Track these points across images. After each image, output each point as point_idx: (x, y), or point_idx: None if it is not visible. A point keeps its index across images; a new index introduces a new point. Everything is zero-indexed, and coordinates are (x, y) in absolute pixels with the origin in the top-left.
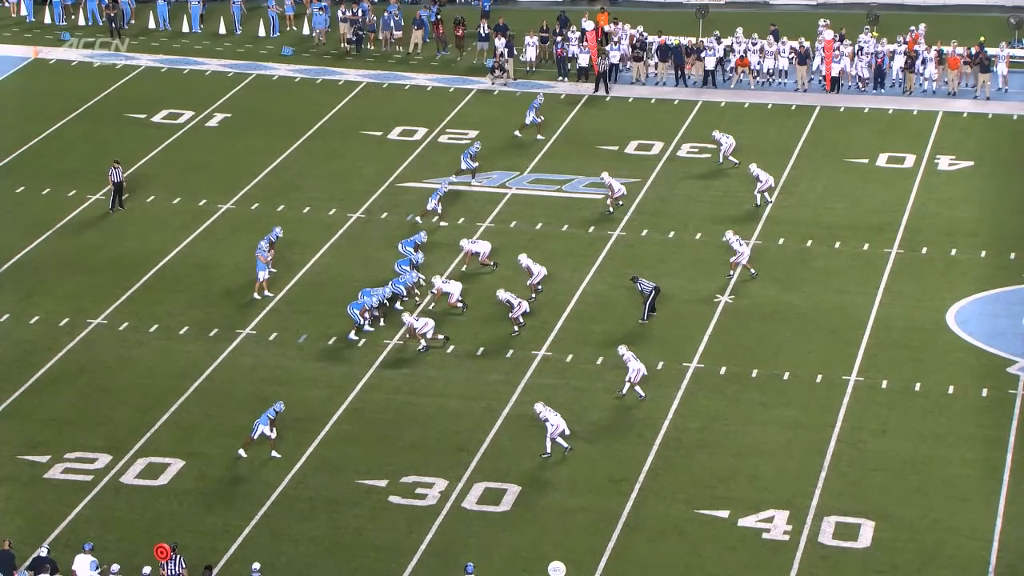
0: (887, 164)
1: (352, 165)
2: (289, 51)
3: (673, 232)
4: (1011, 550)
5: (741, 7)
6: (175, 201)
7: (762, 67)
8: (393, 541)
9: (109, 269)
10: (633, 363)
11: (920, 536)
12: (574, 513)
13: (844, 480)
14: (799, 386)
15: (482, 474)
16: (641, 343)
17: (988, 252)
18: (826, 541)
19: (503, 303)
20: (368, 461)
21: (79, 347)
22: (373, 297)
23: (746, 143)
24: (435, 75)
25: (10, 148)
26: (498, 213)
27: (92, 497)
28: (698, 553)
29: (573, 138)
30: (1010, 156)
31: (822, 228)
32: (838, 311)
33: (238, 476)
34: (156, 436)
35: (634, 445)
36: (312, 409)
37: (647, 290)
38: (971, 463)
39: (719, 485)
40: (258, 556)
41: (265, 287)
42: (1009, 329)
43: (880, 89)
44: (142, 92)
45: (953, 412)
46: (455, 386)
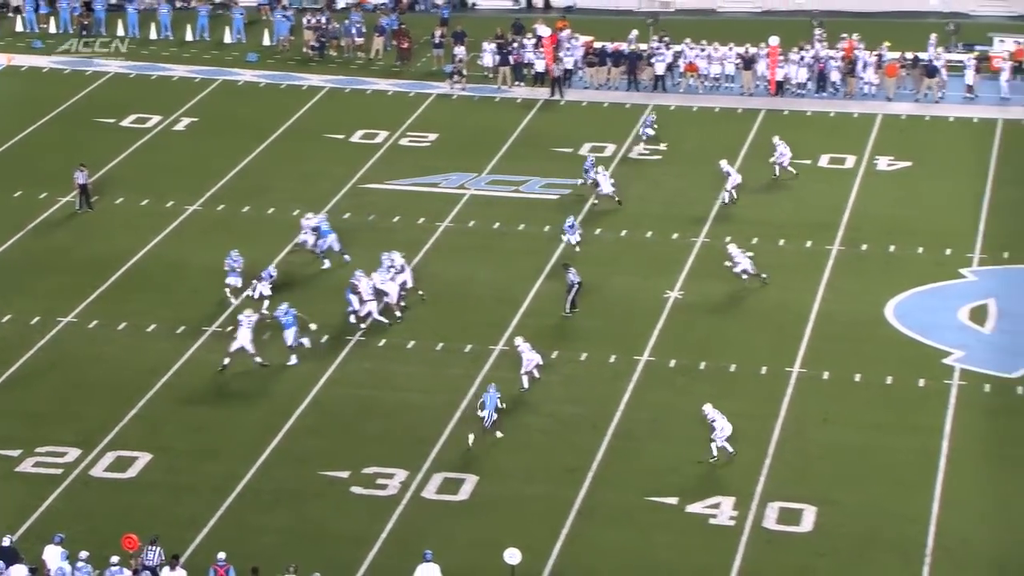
0: (829, 165)
1: (316, 167)
2: (254, 57)
3: (625, 231)
4: (947, 534)
5: (689, 15)
6: (143, 203)
7: (709, 72)
8: (355, 530)
9: (79, 269)
10: (528, 354)
11: (860, 521)
12: (530, 501)
13: (787, 468)
14: (745, 378)
15: (441, 465)
16: (594, 337)
17: (925, 249)
18: (770, 526)
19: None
20: (331, 453)
21: (50, 344)
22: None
23: (695, 145)
24: (396, 80)
25: None
26: (456, 213)
27: (62, 490)
28: (649, 539)
29: (529, 140)
30: (946, 157)
31: (767, 226)
32: (782, 306)
33: (205, 469)
34: (125, 430)
35: (587, 435)
36: (276, 403)
37: (572, 282)
38: (909, 451)
39: (669, 473)
40: (224, 546)
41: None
42: (944, 322)
43: (822, 93)
44: (111, 97)
45: (891, 402)
46: (416, 380)
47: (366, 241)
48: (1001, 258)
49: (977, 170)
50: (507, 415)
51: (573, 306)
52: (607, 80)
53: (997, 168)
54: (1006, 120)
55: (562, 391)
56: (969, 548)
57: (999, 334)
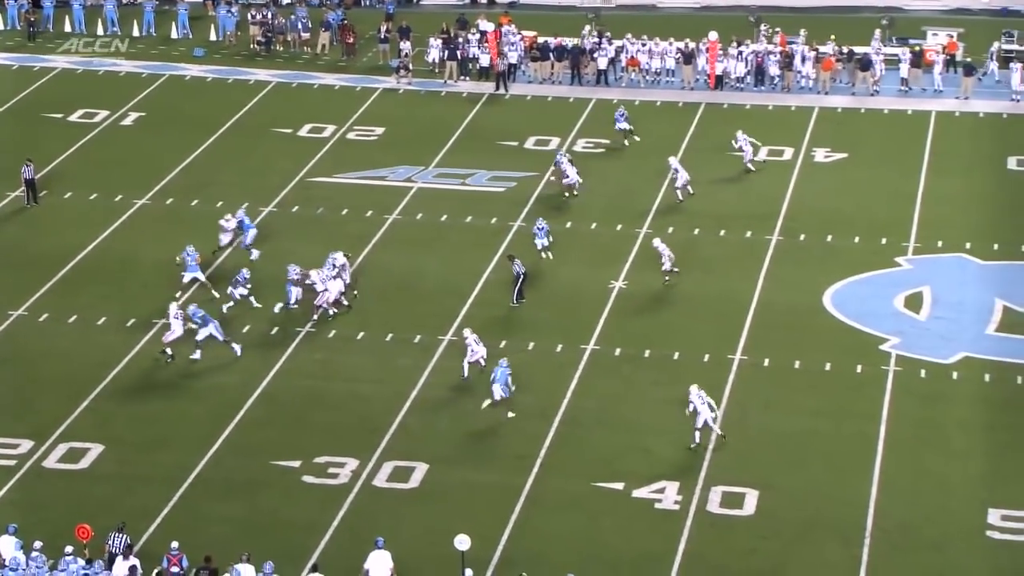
0: (768, 157)
1: (264, 161)
2: (201, 52)
3: (570, 222)
4: (885, 516)
5: (630, 10)
6: (92, 197)
7: (650, 67)
8: (307, 518)
9: (29, 263)
10: (474, 347)
11: (801, 504)
12: (479, 489)
13: (730, 453)
14: (688, 365)
15: (392, 453)
16: (541, 327)
17: (861, 238)
18: (713, 509)
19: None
20: (282, 443)
21: (1, 338)
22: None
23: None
24: (343, 75)
25: None
26: (404, 206)
27: (15, 481)
28: (596, 524)
29: (475, 134)
30: (881, 148)
31: (708, 218)
32: (723, 295)
33: (156, 460)
34: (76, 422)
35: (536, 423)
36: (227, 395)
37: (518, 272)
38: (847, 435)
39: (615, 460)
40: (177, 536)
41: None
42: (881, 310)
43: (761, 87)
44: (59, 93)
45: (830, 388)
46: (365, 371)
47: (315, 235)
48: (935, 247)
49: (911, 161)
50: (456, 404)
51: (520, 296)
52: (551, 75)
53: (931, 159)
54: (939, 112)
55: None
56: (907, 531)
57: (934, 321)
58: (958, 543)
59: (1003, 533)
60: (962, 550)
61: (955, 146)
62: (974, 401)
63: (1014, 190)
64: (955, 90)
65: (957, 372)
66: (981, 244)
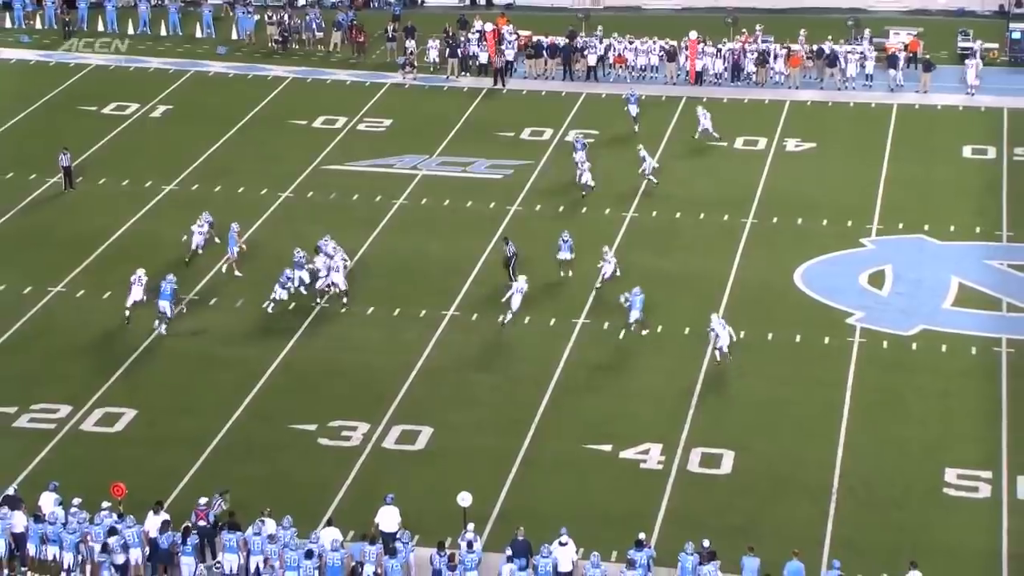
0: (743, 147)
1: (281, 151)
2: (223, 50)
3: (563, 207)
4: (850, 475)
5: (618, 11)
6: (124, 183)
7: (636, 63)
8: (321, 477)
9: (66, 244)
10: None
11: (773, 464)
12: (479, 450)
13: (709, 417)
14: (670, 338)
15: (399, 418)
16: (536, 303)
17: (828, 221)
18: (693, 469)
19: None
20: (299, 409)
21: (41, 312)
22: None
23: (624, 130)
24: (353, 71)
25: None
26: (410, 192)
27: (55, 443)
28: (586, 482)
29: (475, 126)
30: (847, 139)
31: (688, 202)
32: (703, 273)
33: (184, 424)
34: (111, 389)
35: (531, 391)
36: (249, 365)
37: (512, 253)
38: (815, 402)
39: (603, 424)
40: (202, 495)
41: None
42: (846, 287)
43: (737, 82)
44: (93, 87)
45: (800, 358)
46: (375, 343)
47: (328, 218)
48: (896, 228)
49: (874, 150)
50: (457, 372)
51: (513, 275)
52: (544, 71)
53: (892, 148)
54: (900, 105)
55: (508, 352)
56: (869, 488)
57: (895, 296)
58: (916, 500)
59: (957, 491)
60: (920, 506)
61: (914, 136)
62: (931, 370)
63: (968, 177)
64: (915, 84)
65: (916, 343)
66: (938, 226)
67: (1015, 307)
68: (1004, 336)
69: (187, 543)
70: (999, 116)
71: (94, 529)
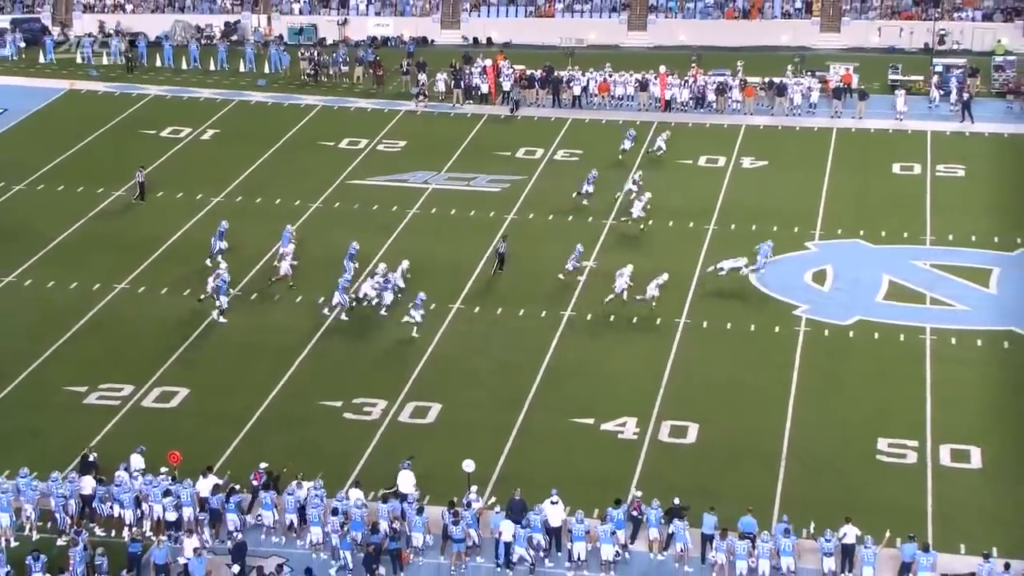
0: (705, 164)
1: (311, 167)
2: (263, 82)
3: (552, 215)
4: (797, 445)
5: (599, 49)
6: (178, 196)
7: (614, 93)
8: (346, 447)
9: (129, 248)
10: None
11: (732, 435)
12: (481, 424)
13: (677, 395)
14: (644, 327)
15: (413, 396)
16: (529, 298)
17: (778, 227)
18: (664, 439)
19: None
20: (327, 388)
21: (107, 306)
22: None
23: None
24: (373, 100)
25: (53, 157)
26: (422, 203)
27: (120, 417)
28: (571, 451)
29: (477, 146)
30: (794, 158)
31: (660, 211)
32: (671, 272)
33: (229, 401)
34: (167, 371)
35: (525, 373)
36: (284, 351)
37: (502, 251)
38: (767, 382)
39: (587, 401)
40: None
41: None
42: (794, 283)
43: (700, 109)
44: (152, 114)
45: (754, 345)
46: (392, 331)
47: (352, 225)
48: (836, 234)
49: (817, 167)
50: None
51: (499, 268)
52: (536, 99)
53: (832, 165)
54: (839, 128)
55: (505, 340)
56: (814, 456)
57: (835, 292)
58: (854, 465)
59: (889, 457)
60: (857, 471)
61: (851, 155)
62: (866, 354)
63: (897, 189)
64: (852, 111)
65: (853, 332)
66: (872, 232)
67: (937, 301)
68: (928, 325)
69: (230, 501)
70: (923, 138)
71: (153, 491)
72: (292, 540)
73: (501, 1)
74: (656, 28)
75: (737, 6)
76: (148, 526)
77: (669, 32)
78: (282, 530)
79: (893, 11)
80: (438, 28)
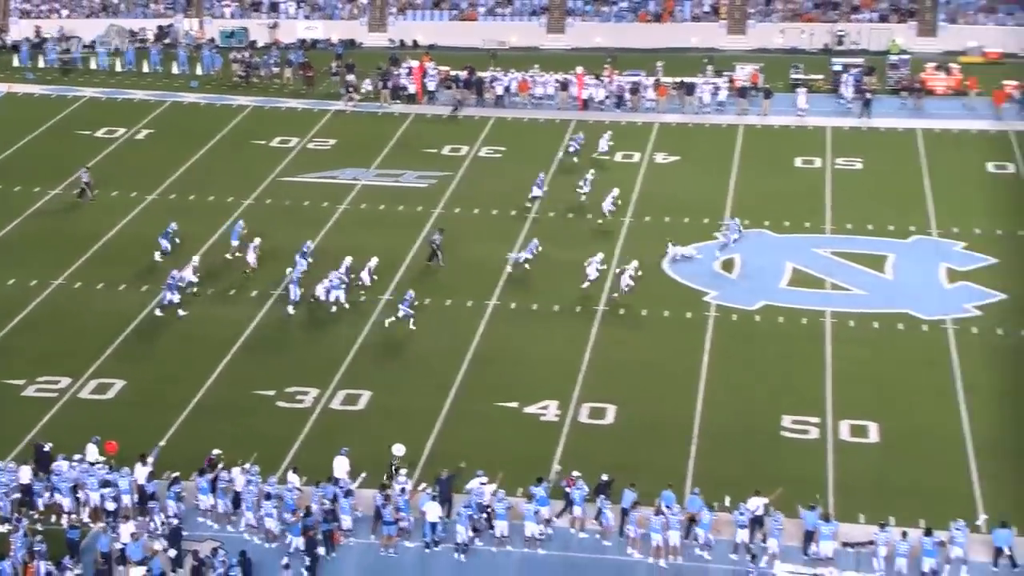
0: (622, 159)
1: (244, 165)
2: (195, 84)
3: (478, 209)
4: (708, 422)
5: (520, 51)
6: (114, 193)
7: (535, 92)
8: (280, 434)
9: (66, 244)
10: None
11: (647, 416)
12: (411, 409)
13: (596, 378)
14: (565, 315)
15: (345, 383)
16: (456, 288)
17: (689, 218)
18: (583, 420)
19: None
20: (260, 377)
21: (45, 301)
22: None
23: (528, 145)
24: (303, 100)
25: None
26: (351, 198)
27: (57, 409)
28: (497, 433)
29: (405, 143)
30: (705, 152)
31: (578, 205)
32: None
33: (165, 391)
34: (104, 363)
35: (452, 360)
36: (216, 342)
37: (437, 243)
38: (680, 364)
39: (510, 385)
40: (180, 449)
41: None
42: (704, 271)
43: (617, 108)
44: (87, 115)
45: (668, 329)
46: (324, 320)
47: (285, 221)
48: (743, 224)
49: (725, 161)
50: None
51: (431, 259)
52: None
53: (740, 160)
54: (745, 125)
55: (433, 329)
56: (723, 432)
57: (741, 279)
58: (760, 440)
59: (792, 433)
60: (763, 445)
61: (757, 151)
62: (771, 337)
63: (800, 182)
64: (757, 109)
65: (759, 316)
66: (775, 222)
67: (837, 286)
68: (828, 309)
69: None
70: (823, 133)
71: (89, 479)
72: (226, 524)
73: (426, 5)
74: (574, 31)
75: (649, 10)
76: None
77: (586, 35)
78: (216, 515)
79: (795, 14)
80: (366, 31)
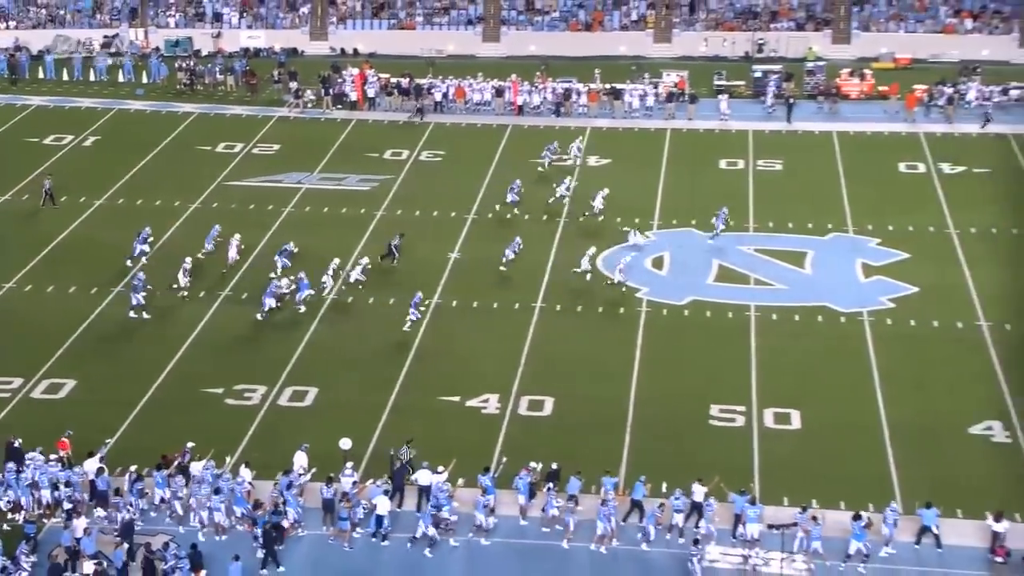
0: (556, 162)
1: (190, 170)
2: (141, 92)
3: (419, 211)
4: (641, 411)
5: (458, 59)
6: (63, 199)
7: (472, 98)
8: (229, 431)
9: (16, 248)
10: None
11: (587, 405)
12: (356, 404)
13: (535, 371)
14: (504, 312)
15: (291, 381)
16: (399, 286)
17: (621, 218)
18: (523, 412)
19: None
20: (209, 375)
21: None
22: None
23: (465, 149)
24: (247, 106)
25: None
26: (296, 201)
27: (10, 408)
28: (440, 426)
29: (348, 148)
30: (634, 155)
31: (517, 207)
32: (529, 261)
33: (116, 389)
34: (55, 364)
35: (396, 356)
36: (169, 341)
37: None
38: (613, 357)
39: (453, 380)
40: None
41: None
42: (636, 268)
43: (551, 113)
44: (35, 123)
45: (603, 324)
46: (272, 319)
47: (230, 223)
48: (672, 224)
49: (654, 164)
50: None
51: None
52: (400, 105)
53: (667, 162)
54: (672, 129)
55: (377, 326)
56: (655, 423)
57: (671, 276)
58: (690, 430)
59: (720, 421)
60: (693, 435)
61: (684, 153)
62: (700, 330)
63: (724, 183)
64: (683, 113)
65: (688, 311)
66: (703, 221)
67: (760, 281)
68: (752, 303)
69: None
70: (746, 136)
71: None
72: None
73: (366, 14)
74: (509, 39)
75: (580, 19)
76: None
77: (520, 43)
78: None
79: (717, 23)
80: (307, 40)
